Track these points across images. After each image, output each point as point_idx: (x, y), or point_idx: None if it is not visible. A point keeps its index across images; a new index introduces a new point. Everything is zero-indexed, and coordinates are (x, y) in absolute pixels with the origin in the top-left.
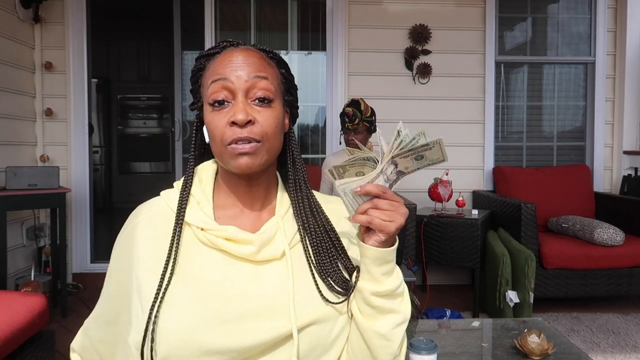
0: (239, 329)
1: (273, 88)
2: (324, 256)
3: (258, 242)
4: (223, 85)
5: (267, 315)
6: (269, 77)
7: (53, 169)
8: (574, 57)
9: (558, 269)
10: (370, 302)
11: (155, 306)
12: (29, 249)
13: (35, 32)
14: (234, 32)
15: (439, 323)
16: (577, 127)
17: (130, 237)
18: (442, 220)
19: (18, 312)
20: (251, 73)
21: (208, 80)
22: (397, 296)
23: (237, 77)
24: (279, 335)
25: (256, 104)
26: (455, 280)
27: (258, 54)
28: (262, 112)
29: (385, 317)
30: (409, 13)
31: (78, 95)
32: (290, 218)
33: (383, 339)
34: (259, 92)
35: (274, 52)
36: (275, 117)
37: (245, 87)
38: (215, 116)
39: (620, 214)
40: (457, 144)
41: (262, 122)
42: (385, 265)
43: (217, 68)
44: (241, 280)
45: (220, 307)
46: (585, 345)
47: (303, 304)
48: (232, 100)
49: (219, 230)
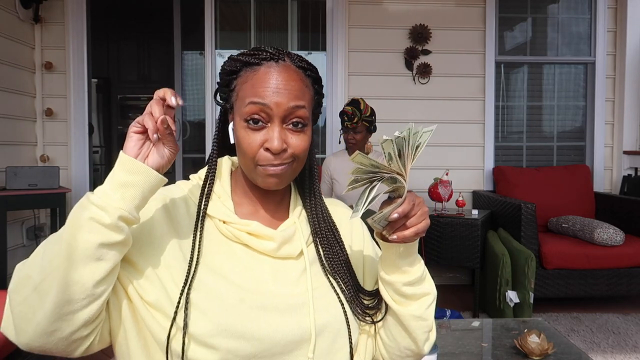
0: (264, 319)
1: (308, 114)
2: (335, 259)
3: (279, 238)
4: (262, 109)
5: (288, 311)
6: (306, 105)
7: (53, 169)
8: (574, 57)
9: (558, 269)
10: (402, 292)
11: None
12: (29, 249)
13: (35, 32)
14: (234, 32)
15: (439, 323)
16: (577, 127)
17: (165, 200)
18: (442, 220)
19: None
20: (290, 101)
21: (246, 96)
22: (424, 280)
23: (276, 105)
24: (299, 331)
25: (290, 128)
26: (455, 280)
27: (297, 75)
28: (295, 137)
29: (418, 301)
30: (409, 13)
31: (78, 95)
32: (304, 220)
33: (420, 320)
34: (295, 119)
35: (312, 67)
36: (307, 140)
37: (283, 115)
38: (250, 134)
39: (620, 214)
40: (457, 144)
41: (294, 146)
42: (411, 257)
43: (257, 88)
44: (262, 275)
45: (245, 296)
46: (585, 345)
47: (319, 303)
48: (267, 123)
49: (242, 224)
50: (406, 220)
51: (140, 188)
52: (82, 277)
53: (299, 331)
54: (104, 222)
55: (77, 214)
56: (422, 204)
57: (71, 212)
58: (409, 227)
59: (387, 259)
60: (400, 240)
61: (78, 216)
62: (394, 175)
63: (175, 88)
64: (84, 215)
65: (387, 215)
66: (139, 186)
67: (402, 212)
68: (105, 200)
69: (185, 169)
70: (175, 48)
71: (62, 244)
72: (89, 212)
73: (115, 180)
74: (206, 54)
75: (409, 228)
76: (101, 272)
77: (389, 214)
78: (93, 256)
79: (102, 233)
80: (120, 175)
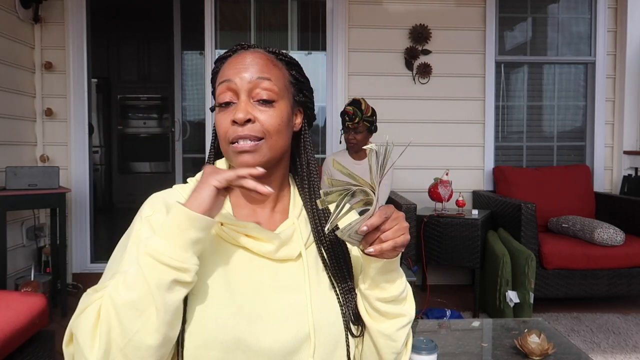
0: (262, 329)
1: (277, 88)
2: (336, 260)
3: (278, 240)
4: (228, 87)
5: (287, 319)
6: (273, 78)
7: (53, 169)
8: (574, 57)
9: (558, 269)
10: (376, 307)
11: None
12: (29, 249)
13: (35, 32)
14: (234, 32)
15: (439, 323)
16: (577, 127)
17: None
18: (442, 220)
19: (18, 312)
20: (254, 74)
21: (217, 82)
22: (402, 300)
23: (241, 79)
24: (297, 341)
25: (259, 104)
26: (455, 280)
27: (265, 56)
28: (264, 112)
29: (391, 320)
30: (409, 13)
31: (78, 95)
32: (304, 220)
33: (388, 339)
34: (261, 93)
35: (285, 53)
36: (278, 116)
37: (247, 87)
38: (221, 116)
39: (620, 214)
40: (457, 144)
41: (263, 120)
42: (390, 274)
43: (225, 70)
44: (261, 277)
45: (242, 303)
46: (585, 345)
47: (319, 305)
48: (236, 101)
49: (240, 226)
50: (380, 234)
51: (208, 239)
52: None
53: (297, 341)
54: (187, 281)
55: (154, 277)
56: (401, 219)
57: (140, 273)
58: (384, 240)
59: (366, 272)
60: (377, 253)
61: (158, 279)
62: (364, 189)
63: (175, 88)
64: (165, 279)
65: (356, 227)
66: (207, 238)
67: (371, 225)
68: (184, 262)
69: (185, 169)
70: (175, 48)
71: (149, 309)
72: (171, 275)
73: (187, 238)
74: (206, 54)
75: (385, 242)
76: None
77: (357, 226)
78: (178, 310)
79: (186, 290)
80: (192, 234)
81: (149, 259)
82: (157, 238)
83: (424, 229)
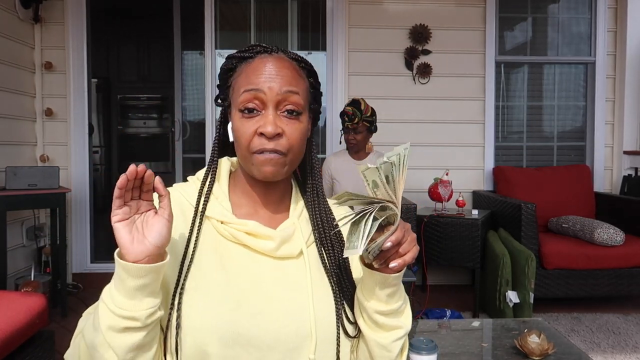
0: (262, 325)
1: (303, 102)
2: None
3: (278, 238)
4: (255, 96)
5: (288, 316)
6: (300, 92)
7: (53, 169)
8: (574, 57)
9: (558, 269)
10: (374, 319)
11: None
12: (29, 249)
13: (35, 32)
14: (234, 32)
15: (439, 323)
16: (577, 127)
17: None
18: (442, 220)
19: (18, 312)
20: (283, 86)
21: (240, 87)
22: (400, 313)
23: (270, 89)
24: (298, 337)
25: (285, 116)
26: (455, 280)
27: (290, 64)
28: (290, 125)
29: (388, 332)
30: (409, 13)
31: (78, 95)
32: (305, 220)
33: (384, 350)
34: (289, 106)
35: (306, 60)
36: (302, 130)
37: (276, 99)
38: (245, 123)
39: (620, 214)
40: (457, 144)
41: (289, 134)
42: (390, 288)
43: (250, 76)
44: (261, 275)
45: (243, 298)
46: (586, 346)
47: (320, 302)
48: (261, 110)
49: (239, 224)
50: (399, 248)
51: (155, 282)
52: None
53: (298, 337)
54: (138, 326)
55: (106, 323)
56: (410, 230)
57: (97, 322)
58: (402, 254)
59: (367, 285)
60: (400, 268)
61: (109, 325)
62: (384, 204)
63: (175, 88)
64: (117, 326)
65: (381, 244)
66: (152, 282)
67: (396, 240)
68: (131, 310)
69: (185, 169)
70: (175, 48)
71: (108, 352)
72: (121, 323)
73: (128, 287)
74: (206, 54)
75: (403, 255)
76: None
77: (382, 243)
78: (136, 345)
79: (142, 332)
80: (131, 283)
81: (103, 305)
82: (111, 284)
83: (424, 229)
